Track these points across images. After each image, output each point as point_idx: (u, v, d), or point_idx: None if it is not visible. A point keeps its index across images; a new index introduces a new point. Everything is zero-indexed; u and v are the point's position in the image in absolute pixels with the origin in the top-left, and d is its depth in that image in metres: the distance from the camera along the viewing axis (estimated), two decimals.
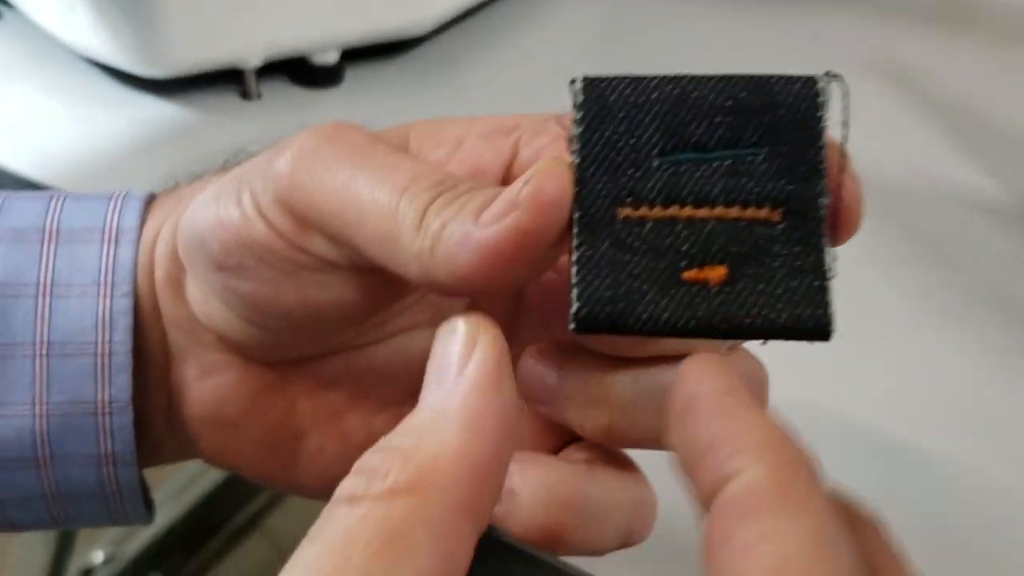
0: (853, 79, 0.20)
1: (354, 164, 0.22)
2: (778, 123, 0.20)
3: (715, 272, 0.20)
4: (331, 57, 0.53)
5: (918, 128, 0.53)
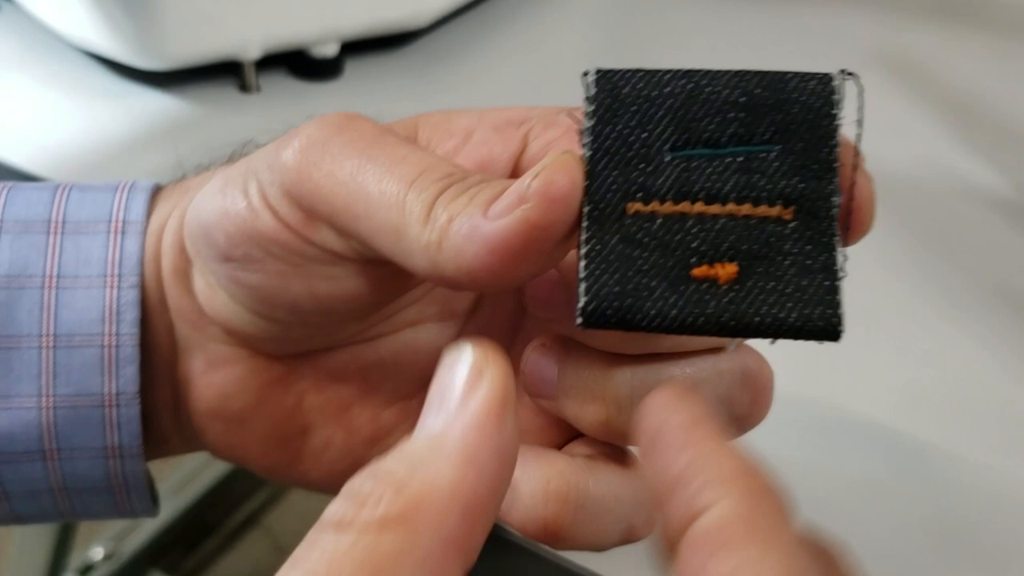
0: (859, 72, 0.20)
1: (362, 155, 0.21)
2: (792, 120, 0.20)
3: (725, 270, 0.19)
4: (331, 50, 0.53)
5: (925, 122, 0.53)
